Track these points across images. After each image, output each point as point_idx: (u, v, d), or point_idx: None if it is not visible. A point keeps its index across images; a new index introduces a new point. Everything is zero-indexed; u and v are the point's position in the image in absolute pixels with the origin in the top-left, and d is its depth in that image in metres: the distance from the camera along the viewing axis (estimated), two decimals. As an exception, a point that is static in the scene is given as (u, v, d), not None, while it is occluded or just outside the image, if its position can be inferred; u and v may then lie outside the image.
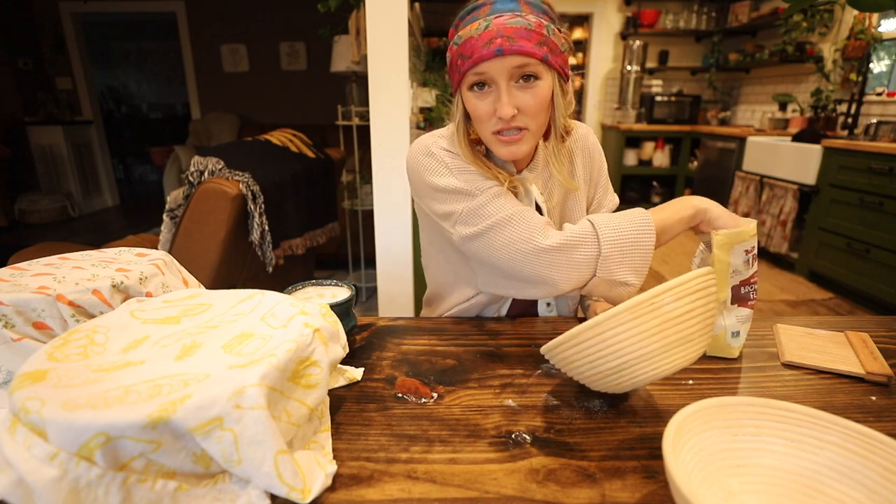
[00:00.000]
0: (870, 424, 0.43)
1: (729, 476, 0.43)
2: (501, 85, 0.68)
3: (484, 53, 0.66)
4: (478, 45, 0.66)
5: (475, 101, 0.71)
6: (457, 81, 0.73)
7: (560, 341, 0.54)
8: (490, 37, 0.65)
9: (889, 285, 2.52)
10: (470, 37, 0.67)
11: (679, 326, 0.49)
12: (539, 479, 0.47)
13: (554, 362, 0.57)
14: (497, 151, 0.75)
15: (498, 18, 0.66)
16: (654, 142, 4.63)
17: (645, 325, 0.49)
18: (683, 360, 0.51)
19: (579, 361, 0.53)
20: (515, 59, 0.66)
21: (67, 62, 4.83)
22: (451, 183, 0.76)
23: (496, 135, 0.72)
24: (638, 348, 0.49)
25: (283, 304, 0.54)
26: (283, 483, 0.41)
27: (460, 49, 0.69)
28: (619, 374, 0.51)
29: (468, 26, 0.68)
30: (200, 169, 1.57)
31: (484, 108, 0.70)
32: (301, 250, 2.02)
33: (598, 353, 0.51)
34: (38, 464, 0.35)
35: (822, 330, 0.78)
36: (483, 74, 0.68)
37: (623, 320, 0.49)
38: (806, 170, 3.03)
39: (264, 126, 4.56)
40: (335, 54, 2.61)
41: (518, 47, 0.65)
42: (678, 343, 0.50)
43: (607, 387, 0.54)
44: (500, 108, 0.68)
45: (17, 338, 0.52)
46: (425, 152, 0.79)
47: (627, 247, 0.68)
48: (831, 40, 3.57)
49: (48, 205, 4.55)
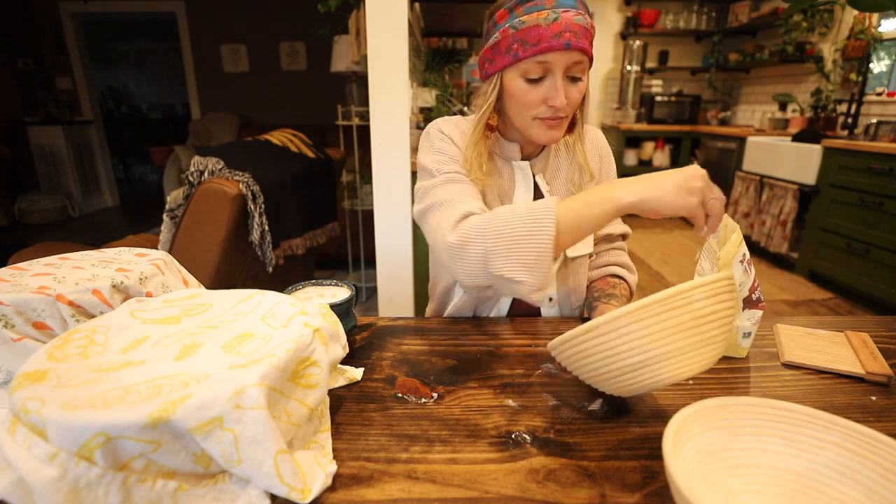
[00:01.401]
0: (870, 424, 0.43)
1: (729, 476, 0.43)
2: (558, 76, 0.72)
3: (553, 44, 0.68)
4: (546, 34, 0.69)
5: (527, 87, 0.73)
6: (505, 64, 0.74)
7: (573, 335, 0.50)
8: (559, 29, 0.68)
9: (889, 285, 2.52)
10: (537, 24, 0.69)
11: (706, 326, 0.47)
12: (539, 479, 0.47)
13: (562, 359, 0.54)
14: (538, 135, 0.78)
15: (566, 13, 0.69)
16: (654, 142, 4.63)
17: (673, 321, 0.46)
18: (702, 363, 0.49)
19: (593, 358, 0.50)
20: (577, 55, 0.70)
21: (67, 62, 4.83)
22: (426, 160, 0.82)
23: (541, 120, 0.75)
24: (662, 345, 0.46)
25: (283, 304, 0.54)
26: (283, 483, 0.41)
27: (520, 34, 0.70)
28: (635, 373, 0.48)
29: (532, 14, 0.69)
30: (200, 169, 1.57)
31: (535, 95, 0.73)
32: (301, 250, 2.02)
33: (616, 348, 0.48)
34: (38, 464, 0.35)
35: (822, 330, 0.78)
36: (546, 64, 0.71)
37: (652, 312, 0.46)
38: (806, 170, 3.03)
39: (264, 126, 4.56)
40: (335, 54, 2.61)
41: (581, 45, 0.70)
42: (702, 344, 0.48)
43: (618, 387, 0.51)
44: (557, 98, 0.72)
45: (17, 338, 0.52)
46: (426, 131, 0.85)
47: (515, 240, 0.62)
48: (831, 40, 3.57)
49: (48, 205, 4.55)
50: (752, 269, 0.69)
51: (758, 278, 0.71)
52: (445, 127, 0.85)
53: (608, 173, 0.94)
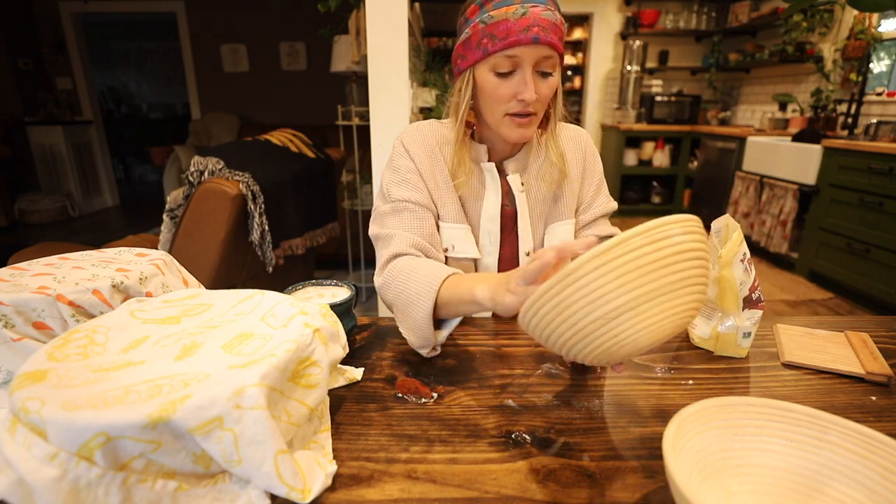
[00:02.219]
0: (870, 424, 0.43)
1: (729, 476, 0.43)
2: (527, 70, 0.72)
3: (521, 38, 0.69)
4: (514, 28, 0.69)
5: (498, 81, 0.73)
6: (475, 59, 0.74)
7: (550, 284, 0.45)
8: (528, 24, 0.69)
9: (889, 285, 2.52)
10: (505, 19, 0.69)
11: (687, 264, 0.44)
12: (539, 479, 0.47)
13: (537, 321, 0.48)
14: (508, 133, 0.78)
15: (534, 8, 0.69)
16: (654, 142, 4.63)
17: (656, 254, 0.43)
18: (686, 311, 0.45)
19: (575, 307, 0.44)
20: (546, 49, 0.71)
21: (67, 62, 4.83)
22: (384, 177, 0.84)
23: (511, 116, 0.75)
24: (648, 282, 0.43)
25: (283, 304, 0.54)
26: (283, 483, 0.41)
27: (489, 28, 0.71)
28: (620, 318, 0.44)
29: (501, 8, 0.70)
30: (200, 169, 1.57)
31: (506, 90, 0.73)
32: (301, 250, 2.02)
33: (601, 289, 0.43)
34: (38, 464, 0.35)
35: (822, 330, 0.78)
36: (514, 58, 0.71)
37: (634, 245, 0.42)
38: (806, 170, 3.03)
39: (264, 126, 4.56)
40: (335, 54, 2.61)
41: (549, 39, 0.70)
42: (684, 284, 0.44)
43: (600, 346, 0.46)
44: (526, 92, 0.72)
45: (17, 338, 0.52)
46: (399, 137, 0.86)
47: (404, 303, 0.68)
48: (831, 40, 3.57)
49: (48, 205, 4.55)
50: (752, 269, 0.70)
51: (758, 278, 0.71)
52: (408, 138, 0.84)
53: (592, 173, 0.91)
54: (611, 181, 4.67)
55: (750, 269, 0.69)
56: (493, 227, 0.85)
